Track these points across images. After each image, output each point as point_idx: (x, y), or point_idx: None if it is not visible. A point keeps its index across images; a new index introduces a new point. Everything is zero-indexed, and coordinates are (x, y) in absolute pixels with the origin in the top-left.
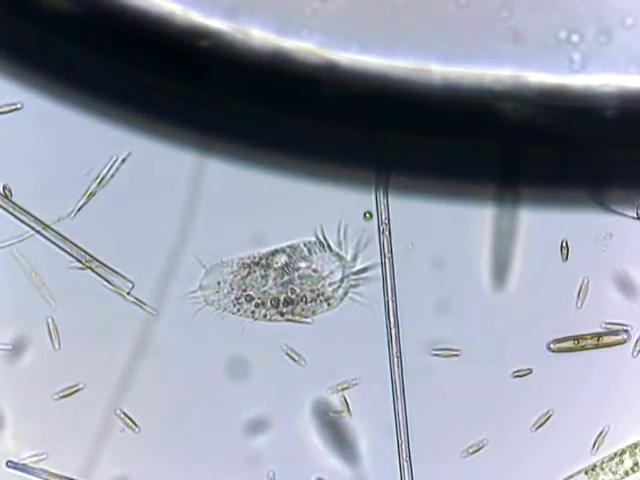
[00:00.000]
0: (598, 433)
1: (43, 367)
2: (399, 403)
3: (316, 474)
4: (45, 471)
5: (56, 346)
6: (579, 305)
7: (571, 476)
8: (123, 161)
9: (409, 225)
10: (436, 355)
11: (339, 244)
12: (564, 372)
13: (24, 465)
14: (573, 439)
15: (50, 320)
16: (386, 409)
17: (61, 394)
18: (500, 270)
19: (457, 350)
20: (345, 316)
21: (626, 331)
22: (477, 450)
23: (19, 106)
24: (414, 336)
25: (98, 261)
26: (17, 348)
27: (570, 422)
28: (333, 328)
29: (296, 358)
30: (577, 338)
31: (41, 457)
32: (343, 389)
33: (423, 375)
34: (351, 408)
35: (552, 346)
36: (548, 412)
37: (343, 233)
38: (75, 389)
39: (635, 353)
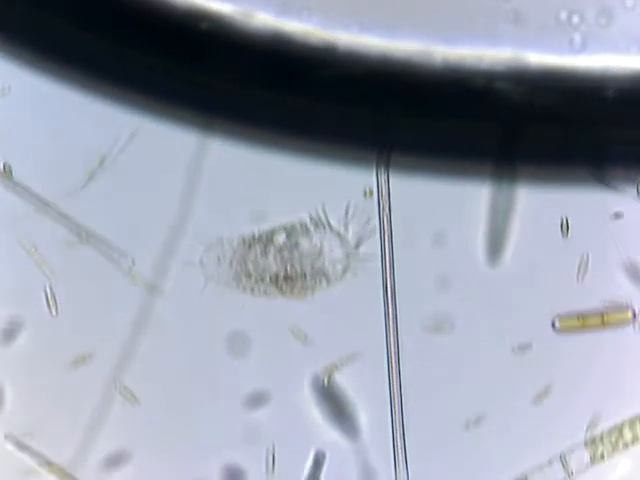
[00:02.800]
0: (597, 407)
1: (41, 341)
2: (394, 374)
3: (315, 447)
4: (40, 455)
5: (53, 312)
6: (580, 280)
7: (570, 449)
8: (125, 141)
9: (409, 203)
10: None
11: (340, 223)
12: (564, 347)
13: (22, 442)
14: (572, 413)
15: (48, 289)
16: (386, 384)
17: (61, 367)
18: (496, 246)
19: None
20: (344, 292)
21: (632, 309)
22: (476, 423)
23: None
24: (414, 312)
25: (98, 238)
26: (15, 323)
27: (570, 396)
28: (332, 304)
29: (296, 334)
30: (581, 316)
31: (41, 431)
32: (342, 364)
33: (422, 350)
34: (351, 383)
35: (557, 325)
36: (548, 386)
37: (346, 212)
38: (76, 362)
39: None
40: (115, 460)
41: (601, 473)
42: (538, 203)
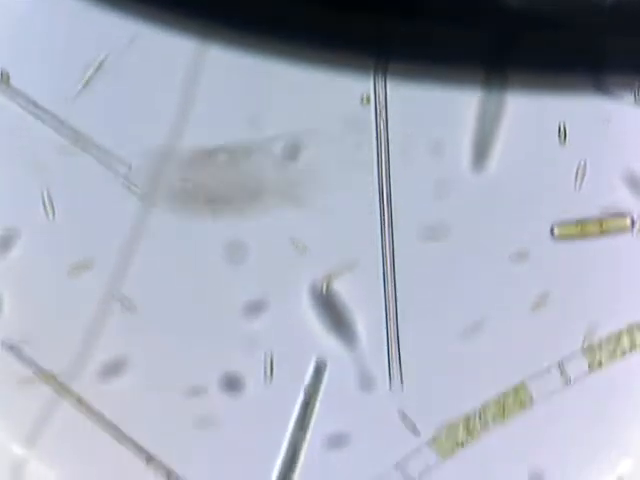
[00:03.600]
0: (595, 314)
1: (39, 248)
2: (390, 282)
3: (314, 355)
4: (36, 363)
5: (50, 218)
6: (577, 187)
7: (569, 356)
8: (123, 47)
9: (405, 110)
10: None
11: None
12: (562, 255)
13: (18, 350)
14: (570, 320)
15: (46, 195)
16: (382, 291)
17: (59, 275)
18: (490, 153)
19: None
20: (341, 201)
21: (630, 216)
22: (473, 331)
23: None
24: (410, 220)
25: (95, 144)
26: (12, 231)
27: (567, 303)
28: (330, 213)
29: (295, 242)
30: (580, 223)
31: (37, 339)
32: (340, 272)
33: (419, 258)
34: (348, 291)
35: (555, 232)
36: (545, 294)
37: None
38: (74, 269)
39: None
40: (112, 369)
41: (599, 385)
42: (535, 110)
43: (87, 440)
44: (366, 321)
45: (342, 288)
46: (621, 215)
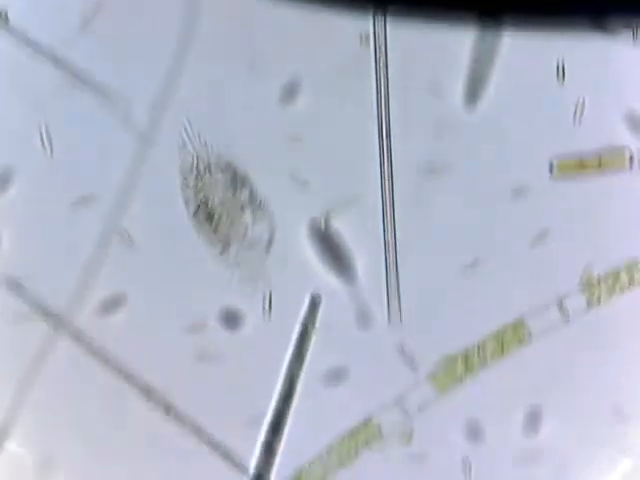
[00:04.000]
0: (594, 251)
1: (38, 185)
2: (389, 219)
3: (312, 290)
4: (34, 301)
5: (47, 149)
6: (576, 124)
7: (567, 292)
8: None
9: (404, 49)
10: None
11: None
12: (561, 191)
13: (17, 286)
14: (569, 257)
15: (44, 132)
16: (381, 228)
17: (58, 211)
18: (482, 89)
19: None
20: (341, 138)
21: (629, 153)
22: (473, 267)
23: None
24: (410, 157)
25: (95, 83)
26: (10, 168)
27: (566, 240)
28: (329, 150)
29: (294, 179)
30: (579, 160)
31: (36, 275)
32: (339, 209)
33: (418, 195)
34: (348, 227)
35: (554, 168)
36: (545, 230)
37: None
38: (73, 205)
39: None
40: (111, 305)
41: (597, 322)
42: (534, 49)
43: (86, 376)
44: (365, 257)
45: (341, 224)
46: (620, 152)
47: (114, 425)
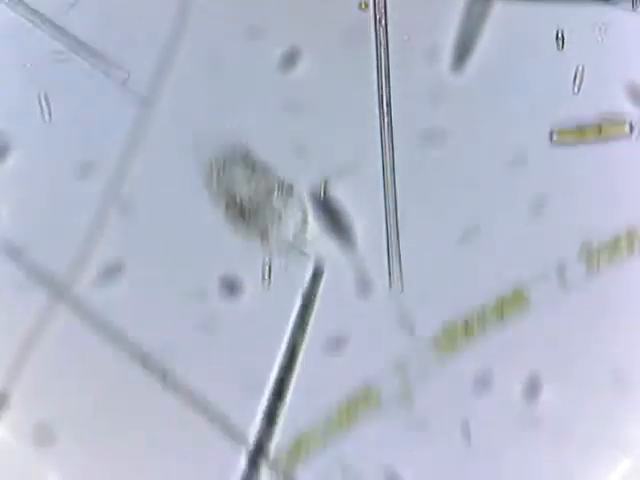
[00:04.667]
0: (593, 219)
1: (36, 153)
2: (389, 186)
3: (313, 257)
4: (34, 269)
5: (46, 118)
6: (576, 92)
7: (566, 260)
8: None
9: (405, 15)
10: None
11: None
12: (560, 159)
13: (16, 253)
14: (568, 225)
15: (43, 100)
16: (381, 196)
17: (57, 179)
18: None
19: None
20: (341, 105)
21: (629, 122)
22: (472, 235)
23: None
24: (409, 125)
25: (93, 51)
26: (8, 136)
27: (566, 207)
28: (330, 117)
29: (294, 146)
30: (579, 128)
31: (37, 242)
32: (339, 175)
33: (418, 162)
34: (347, 195)
35: (554, 136)
36: (544, 198)
37: None
38: (71, 173)
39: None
40: (111, 273)
41: (597, 289)
42: (532, 17)
43: (85, 344)
44: (365, 224)
45: (341, 192)
46: (620, 120)
47: (112, 393)
